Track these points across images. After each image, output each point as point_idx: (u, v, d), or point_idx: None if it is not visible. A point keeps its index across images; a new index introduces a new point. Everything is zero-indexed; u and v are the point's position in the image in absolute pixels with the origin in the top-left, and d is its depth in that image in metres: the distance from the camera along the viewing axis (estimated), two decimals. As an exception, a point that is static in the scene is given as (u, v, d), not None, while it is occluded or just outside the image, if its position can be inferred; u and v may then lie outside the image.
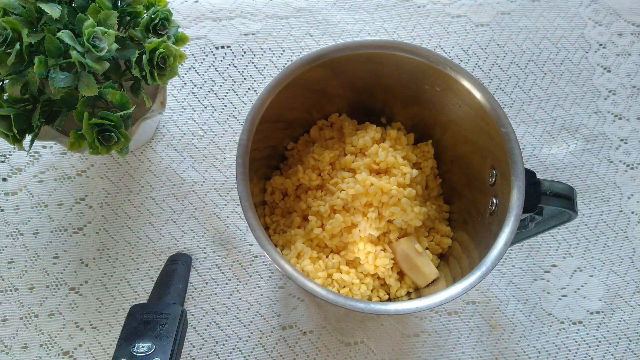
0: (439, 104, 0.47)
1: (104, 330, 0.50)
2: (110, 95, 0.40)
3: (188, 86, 0.58)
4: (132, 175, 0.54)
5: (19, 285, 0.51)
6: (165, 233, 0.53)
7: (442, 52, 0.61)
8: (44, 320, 0.50)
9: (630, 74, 0.61)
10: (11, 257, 0.52)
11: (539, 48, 0.61)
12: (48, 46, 0.37)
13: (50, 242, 0.52)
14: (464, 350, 0.52)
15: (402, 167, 0.46)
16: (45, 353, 0.50)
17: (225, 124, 0.57)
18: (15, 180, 0.54)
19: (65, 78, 0.38)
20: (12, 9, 0.38)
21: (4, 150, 0.54)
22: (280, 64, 0.59)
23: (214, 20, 0.60)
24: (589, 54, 0.62)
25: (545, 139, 0.59)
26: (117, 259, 0.52)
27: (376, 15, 0.61)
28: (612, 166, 0.58)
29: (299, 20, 0.60)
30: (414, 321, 0.52)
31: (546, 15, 0.63)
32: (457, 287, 0.38)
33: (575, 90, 0.61)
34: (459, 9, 0.62)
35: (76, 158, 0.54)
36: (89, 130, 0.39)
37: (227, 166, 0.55)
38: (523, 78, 0.60)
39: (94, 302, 0.51)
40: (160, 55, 0.40)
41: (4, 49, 0.37)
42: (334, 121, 0.52)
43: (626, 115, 0.60)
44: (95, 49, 0.37)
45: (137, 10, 0.42)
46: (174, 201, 0.54)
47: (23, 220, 0.53)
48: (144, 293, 0.52)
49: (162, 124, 0.56)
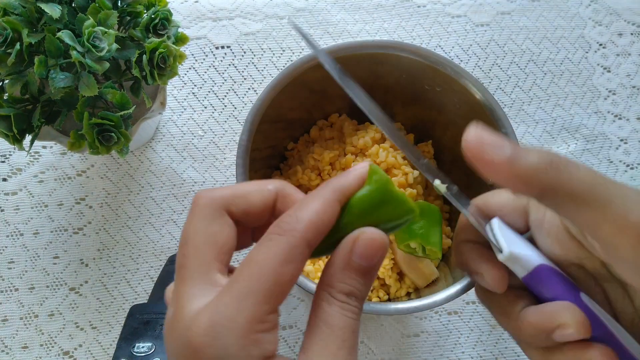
0: (439, 104, 0.47)
1: (104, 331, 0.50)
2: (111, 95, 0.40)
3: (188, 86, 0.58)
4: (132, 175, 0.54)
5: (19, 286, 0.51)
6: (166, 233, 0.53)
7: (442, 52, 0.61)
8: (44, 321, 0.50)
9: (630, 73, 0.61)
10: (11, 257, 0.52)
11: (539, 48, 0.61)
12: (48, 46, 0.37)
13: (51, 242, 0.52)
14: (464, 350, 0.52)
15: (403, 167, 0.46)
16: (45, 353, 0.50)
17: (225, 124, 0.57)
18: (15, 180, 0.54)
19: (65, 78, 0.38)
20: (12, 9, 0.38)
21: (4, 150, 0.54)
22: (280, 64, 0.59)
23: (214, 20, 0.60)
24: (589, 54, 0.62)
25: (545, 139, 0.59)
26: (117, 259, 0.52)
27: (376, 15, 0.61)
28: (612, 166, 0.58)
29: (298, 20, 0.60)
30: (414, 321, 0.52)
31: (546, 15, 0.63)
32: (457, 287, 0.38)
33: (575, 90, 0.61)
34: (459, 9, 0.62)
35: (76, 158, 0.54)
36: (89, 130, 0.39)
37: (227, 166, 0.55)
38: (523, 78, 0.60)
39: (94, 302, 0.51)
40: (161, 55, 0.40)
41: (4, 49, 0.37)
42: (334, 121, 0.52)
43: (626, 115, 0.60)
44: (95, 49, 0.37)
45: (137, 10, 0.42)
46: (174, 201, 0.54)
47: (23, 220, 0.53)
48: (144, 293, 0.52)
49: (162, 124, 0.56)
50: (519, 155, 0.22)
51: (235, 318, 0.20)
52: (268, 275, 0.21)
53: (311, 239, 0.22)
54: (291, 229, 0.22)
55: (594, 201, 0.21)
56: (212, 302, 0.21)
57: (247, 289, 0.21)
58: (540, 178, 0.21)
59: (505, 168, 0.22)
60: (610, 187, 0.21)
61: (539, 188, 0.22)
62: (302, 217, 0.22)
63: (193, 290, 0.22)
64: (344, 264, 0.22)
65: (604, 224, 0.21)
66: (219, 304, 0.21)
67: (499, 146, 0.22)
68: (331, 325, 0.22)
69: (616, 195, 0.21)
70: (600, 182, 0.21)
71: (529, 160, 0.22)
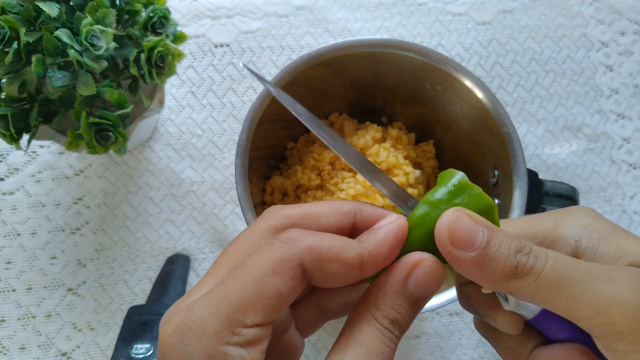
0: (440, 103, 0.47)
1: (102, 332, 0.50)
2: (108, 94, 0.40)
3: (187, 85, 0.57)
4: (130, 175, 0.54)
5: (16, 286, 0.51)
6: (164, 233, 0.53)
7: (444, 50, 0.60)
8: (42, 321, 0.50)
9: (632, 73, 0.61)
10: (9, 258, 0.51)
11: (541, 47, 0.61)
12: (46, 45, 0.37)
13: (48, 243, 0.52)
14: (465, 352, 0.52)
15: (404, 167, 0.45)
16: (43, 354, 0.49)
17: (224, 123, 0.56)
18: (12, 180, 0.53)
19: (63, 77, 0.37)
20: (9, 8, 0.37)
21: (1, 149, 0.54)
22: (280, 62, 0.59)
23: (213, 19, 0.59)
24: (591, 53, 0.61)
25: (547, 138, 0.58)
26: (115, 259, 0.52)
27: (377, 14, 0.61)
28: (614, 166, 0.58)
29: (298, 18, 0.60)
30: (415, 322, 0.52)
31: (548, 14, 0.62)
32: (458, 289, 0.37)
33: (578, 90, 0.60)
34: (461, 7, 0.62)
35: (74, 157, 0.54)
36: (87, 130, 0.39)
37: (226, 166, 0.55)
38: (525, 77, 0.60)
39: (92, 303, 0.51)
40: (159, 54, 0.40)
41: (1, 47, 0.37)
42: (334, 120, 0.52)
43: (629, 114, 0.60)
44: (93, 47, 0.37)
45: (135, 8, 0.42)
46: (172, 201, 0.54)
47: (20, 220, 0.52)
48: (142, 294, 0.51)
49: (161, 123, 0.56)
50: (486, 258, 0.20)
51: (205, 324, 0.19)
52: (249, 283, 0.19)
53: (308, 263, 0.20)
54: (292, 239, 0.20)
55: (565, 298, 0.20)
56: (194, 300, 0.20)
57: (225, 293, 0.19)
58: (506, 285, 0.21)
59: (472, 269, 0.21)
60: (577, 274, 0.20)
61: (507, 291, 0.21)
62: (311, 239, 0.20)
63: (207, 283, 0.20)
64: (396, 288, 0.21)
65: (579, 314, 0.20)
66: (195, 305, 0.19)
67: (470, 243, 0.20)
68: (369, 350, 0.20)
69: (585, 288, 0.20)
70: (569, 274, 0.20)
71: (495, 266, 0.20)
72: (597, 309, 0.20)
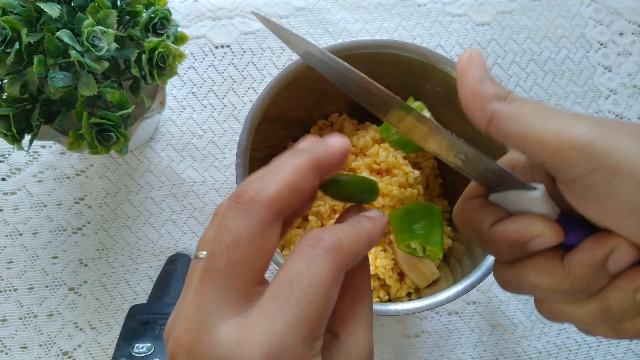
0: (439, 104, 0.47)
1: (103, 331, 0.50)
2: (110, 95, 0.40)
3: (187, 86, 0.57)
4: (131, 175, 0.54)
5: (18, 286, 0.51)
6: (165, 233, 0.53)
7: (443, 51, 0.60)
8: (43, 321, 0.50)
9: (631, 73, 0.61)
10: (10, 257, 0.51)
11: (540, 47, 0.61)
12: (47, 46, 0.37)
13: (50, 242, 0.52)
14: (464, 351, 0.52)
15: (404, 167, 0.46)
16: (45, 353, 0.50)
17: (225, 123, 0.57)
18: (14, 180, 0.53)
19: (64, 77, 0.38)
20: (11, 9, 0.38)
21: (3, 150, 0.54)
22: (280, 63, 0.59)
23: (214, 20, 0.59)
24: (589, 54, 0.62)
25: (546, 138, 0.59)
26: (117, 259, 0.52)
27: (376, 15, 0.61)
28: (613, 166, 0.58)
29: (298, 19, 0.60)
30: (415, 321, 0.52)
31: (547, 15, 0.62)
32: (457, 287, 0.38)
33: (577, 90, 0.60)
34: (460, 8, 0.62)
35: (75, 158, 0.54)
36: (88, 130, 0.39)
37: (226, 166, 0.55)
38: (524, 77, 0.60)
39: (93, 302, 0.51)
40: (160, 55, 0.40)
41: (3, 48, 0.37)
42: (334, 121, 0.52)
43: (627, 115, 0.60)
44: (94, 48, 0.37)
45: (136, 9, 0.42)
46: (173, 201, 0.54)
47: (22, 220, 0.52)
48: (143, 293, 0.51)
49: (162, 123, 0.56)
50: (488, 75, 0.24)
51: (293, 348, 0.19)
52: (322, 303, 0.20)
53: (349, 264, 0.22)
54: (335, 246, 0.21)
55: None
56: (260, 326, 0.19)
57: (304, 314, 0.19)
58: (493, 107, 0.24)
59: (475, 84, 0.24)
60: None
61: (490, 114, 0.24)
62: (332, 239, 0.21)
63: (225, 304, 0.20)
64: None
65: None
66: (272, 330, 0.19)
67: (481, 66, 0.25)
68: None
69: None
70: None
71: (491, 83, 0.24)
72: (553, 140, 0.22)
